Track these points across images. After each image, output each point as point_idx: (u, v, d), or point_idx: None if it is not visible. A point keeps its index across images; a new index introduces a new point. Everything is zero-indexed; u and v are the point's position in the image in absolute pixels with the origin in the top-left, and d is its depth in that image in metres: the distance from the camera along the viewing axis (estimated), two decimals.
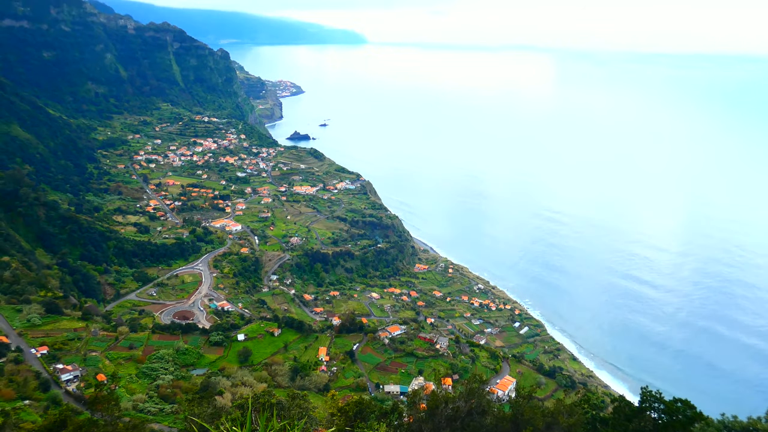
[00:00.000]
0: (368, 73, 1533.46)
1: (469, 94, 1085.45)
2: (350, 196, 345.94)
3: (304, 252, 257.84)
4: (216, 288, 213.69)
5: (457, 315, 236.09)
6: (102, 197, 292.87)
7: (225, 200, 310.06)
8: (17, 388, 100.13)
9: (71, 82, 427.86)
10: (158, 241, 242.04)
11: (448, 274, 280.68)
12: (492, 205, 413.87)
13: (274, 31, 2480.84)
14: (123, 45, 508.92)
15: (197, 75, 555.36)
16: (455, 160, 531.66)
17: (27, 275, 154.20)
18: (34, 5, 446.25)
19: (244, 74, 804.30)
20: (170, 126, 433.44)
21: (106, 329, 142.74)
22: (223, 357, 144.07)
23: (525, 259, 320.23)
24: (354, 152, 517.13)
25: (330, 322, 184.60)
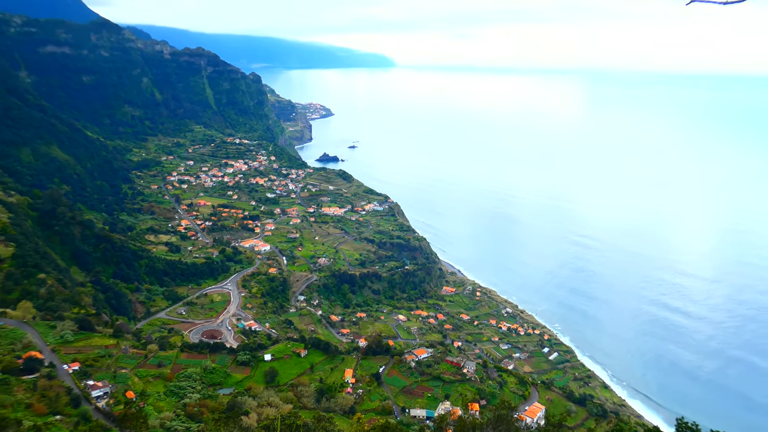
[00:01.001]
0: (397, 95, 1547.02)
1: (497, 117, 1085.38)
2: (378, 217, 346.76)
3: (332, 273, 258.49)
4: (244, 308, 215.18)
5: (485, 339, 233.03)
6: (135, 217, 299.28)
7: (254, 221, 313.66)
8: (49, 403, 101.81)
9: (109, 105, 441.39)
10: (188, 261, 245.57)
11: (476, 297, 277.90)
12: (519, 228, 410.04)
13: (305, 55, 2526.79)
14: (159, 69, 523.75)
15: (230, 98, 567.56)
16: (483, 183, 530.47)
17: (62, 292, 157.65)
18: (76, 32, 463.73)
19: (275, 97, 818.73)
20: (203, 147, 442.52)
21: (136, 347, 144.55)
22: (250, 377, 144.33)
23: (553, 283, 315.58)
24: (382, 174, 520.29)
25: (356, 344, 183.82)
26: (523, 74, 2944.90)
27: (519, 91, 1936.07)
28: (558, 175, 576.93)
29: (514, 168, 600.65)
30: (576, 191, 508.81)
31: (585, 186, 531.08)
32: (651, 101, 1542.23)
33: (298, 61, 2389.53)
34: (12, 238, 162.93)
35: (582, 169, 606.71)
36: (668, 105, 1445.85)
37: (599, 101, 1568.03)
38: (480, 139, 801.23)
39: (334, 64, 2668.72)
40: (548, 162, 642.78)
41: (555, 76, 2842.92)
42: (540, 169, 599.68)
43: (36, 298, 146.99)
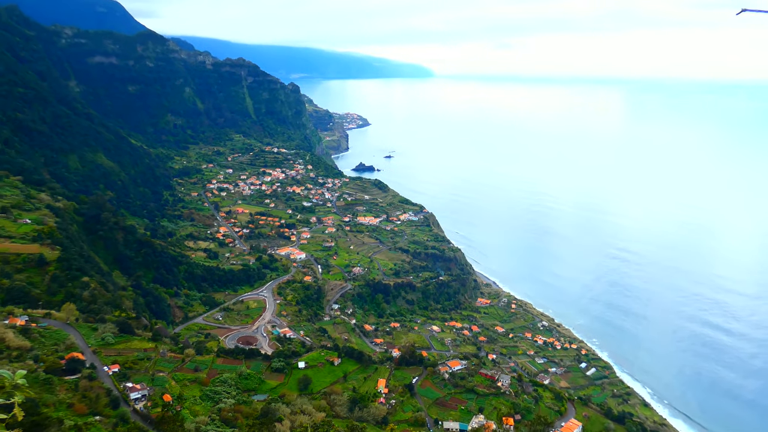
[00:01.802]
0: (434, 106, 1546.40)
1: (536, 127, 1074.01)
2: (413, 227, 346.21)
3: (366, 282, 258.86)
4: (279, 315, 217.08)
5: (520, 352, 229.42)
6: (176, 223, 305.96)
7: (291, 229, 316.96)
8: (89, 403, 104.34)
9: (152, 114, 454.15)
10: (226, 267, 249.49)
11: (511, 310, 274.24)
12: (556, 240, 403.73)
13: (343, 65, 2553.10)
14: (201, 79, 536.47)
15: (268, 108, 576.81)
16: (519, 194, 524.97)
17: (104, 296, 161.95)
18: (123, 43, 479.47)
19: (312, 107, 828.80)
20: (241, 156, 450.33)
21: (174, 351, 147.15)
22: (284, 384, 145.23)
23: (590, 297, 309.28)
24: (418, 184, 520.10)
25: (390, 354, 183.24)
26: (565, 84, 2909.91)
27: (559, 101, 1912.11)
28: (596, 186, 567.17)
29: (551, 179, 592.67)
30: (614, 203, 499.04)
31: (623, 198, 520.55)
32: (693, 110, 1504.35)
33: (336, 72, 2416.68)
34: (58, 242, 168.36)
35: (621, 181, 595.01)
36: (711, 114, 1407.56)
37: (640, 110, 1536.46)
38: (518, 150, 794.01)
39: (371, 74, 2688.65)
40: (587, 173, 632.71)
41: (596, 85, 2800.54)
42: (578, 181, 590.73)
43: (79, 301, 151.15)
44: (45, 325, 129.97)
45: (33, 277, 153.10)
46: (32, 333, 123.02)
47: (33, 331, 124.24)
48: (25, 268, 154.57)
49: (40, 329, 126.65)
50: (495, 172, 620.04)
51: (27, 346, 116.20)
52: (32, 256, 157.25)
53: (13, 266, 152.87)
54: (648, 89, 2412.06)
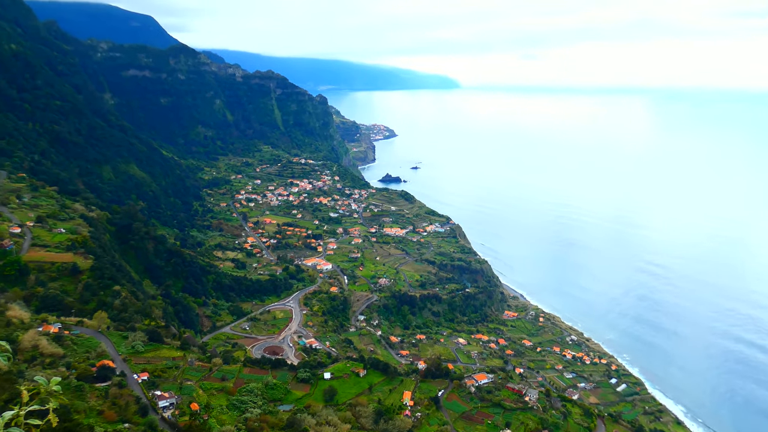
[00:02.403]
0: (461, 117, 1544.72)
1: (563, 138, 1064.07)
2: (439, 239, 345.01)
3: (392, 294, 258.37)
4: (305, 325, 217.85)
5: (548, 366, 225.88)
6: (205, 233, 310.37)
7: (317, 239, 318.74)
8: (119, 411, 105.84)
9: (183, 126, 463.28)
10: (253, 277, 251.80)
11: (539, 323, 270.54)
12: (584, 253, 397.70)
13: (370, 77, 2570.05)
14: (231, 91, 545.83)
15: (296, 119, 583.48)
16: (546, 206, 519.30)
17: (134, 304, 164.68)
18: (156, 57, 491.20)
19: (340, 118, 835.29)
20: (270, 167, 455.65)
21: (202, 360, 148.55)
22: (309, 394, 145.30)
23: (620, 311, 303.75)
24: (444, 195, 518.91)
25: (415, 366, 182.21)
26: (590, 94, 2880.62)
27: (585, 111, 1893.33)
28: (624, 197, 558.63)
29: (577, 191, 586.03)
30: (642, 215, 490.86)
31: (651, 209, 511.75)
32: (721, 120, 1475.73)
33: (363, 83, 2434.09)
34: (91, 251, 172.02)
35: (648, 192, 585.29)
36: (739, 124, 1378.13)
37: (667, 120, 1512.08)
38: (544, 161, 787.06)
39: (398, 85, 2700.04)
40: (614, 184, 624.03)
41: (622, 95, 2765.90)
42: (605, 192, 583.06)
43: (111, 309, 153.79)
44: (77, 332, 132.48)
45: (66, 286, 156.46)
46: (65, 340, 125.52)
47: (66, 338, 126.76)
48: (59, 276, 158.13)
49: (72, 337, 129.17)
50: (521, 184, 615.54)
51: (60, 353, 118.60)
52: (66, 264, 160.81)
53: (48, 274, 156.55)
54: (674, 98, 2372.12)
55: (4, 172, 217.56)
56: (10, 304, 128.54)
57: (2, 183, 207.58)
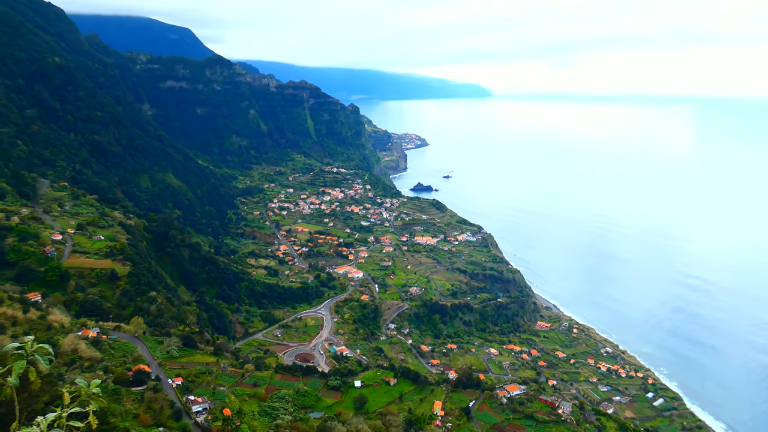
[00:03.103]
0: (493, 125, 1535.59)
1: (597, 147, 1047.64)
2: (471, 248, 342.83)
3: (423, 302, 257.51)
4: (336, 333, 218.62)
5: (582, 379, 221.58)
6: (238, 241, 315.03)
7: (349, 248, 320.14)
8: (154, 414, 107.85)
9: (219, 135, 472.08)
10: (285, 285, 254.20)
11: (573, 334, 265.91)
12: (619, 264, 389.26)
13: (402, 86, 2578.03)
14: (265, 101, 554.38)
15: (329, 128, 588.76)
16: (580, 216, 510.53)
17: (170, 310, 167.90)
18: (193, 68, 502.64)
19: (372, 127, 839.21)
20: (302, 176, 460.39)
21: (234, 366, 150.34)
22: (340, 402, 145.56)
23: (656, 324, 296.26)
24: (476, 205, 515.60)
25: (446, 376, 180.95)
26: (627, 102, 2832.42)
27: (622, 120, 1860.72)
28: (661, 209, 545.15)
29: (613, 201, 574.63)
30: (680, 227, 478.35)
31: (690, 221, 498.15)
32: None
33: (394, 92, 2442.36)
34: (129, 258, 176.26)
35: (687, 204, 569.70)
36: None
37: (710, 131, 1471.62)
38: (578, 170, 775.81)
39: (429, 94, 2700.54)
40: (650, 195, 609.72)
41: (662, 104, 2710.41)
42: (641, 203, 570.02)
43: (147, 315, 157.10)
44: (114, 337, 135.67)
45: (105, 291, 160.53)
46: (103, 345, 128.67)
47: (103, 342, 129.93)
48: (98, 282, 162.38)
49: (110, 341, 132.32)
50: (554, 194, 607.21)
51: (98, 357, 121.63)
52: (105, 271, 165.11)
53: (87, 280, 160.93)
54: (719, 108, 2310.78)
55: (47, 180, 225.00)
56: (51, 309, 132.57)
57: (45, 191, 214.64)
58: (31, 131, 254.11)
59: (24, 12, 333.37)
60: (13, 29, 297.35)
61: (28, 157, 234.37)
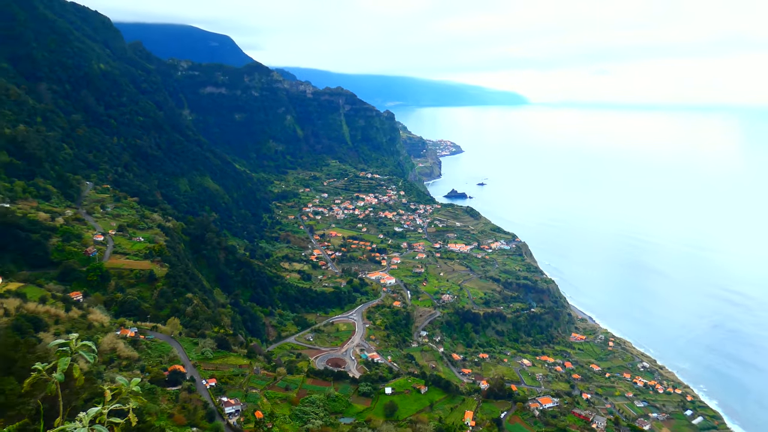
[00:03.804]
0: (528, 134, 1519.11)
1: (636, 157, 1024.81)
2: (504, 256, 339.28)
3: (455, 310, 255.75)
4: (368, 339, 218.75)
5: (617, 394, 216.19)
6: (273, 244, 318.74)
7: (381, 253, 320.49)
8: (188, 415, 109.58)
9: (256, 141, 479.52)
10: (318, 289, 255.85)
11: (608, 348, 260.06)
12: (658, 278, 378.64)
13: (437, 93, 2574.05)
14: (301, 107, 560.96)
15: (364, 134, 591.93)
16: (617, 227, 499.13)
17: (205, 312, 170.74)
18: (232, 75, 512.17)
19: (406, 134, 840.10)
20: (336, 181, 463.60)
21: (267, 368, 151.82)
22: (370, 408, 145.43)
23: (696, 341, 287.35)
24: (510, 213, 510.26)
25: (477, 385, 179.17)
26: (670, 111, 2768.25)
27: (663, 129, 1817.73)
28: (702, 221, 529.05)
29: (652, 213, 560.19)
30: (721, 240, 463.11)
31: (732, 234, 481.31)
32: None
33: (430, 99, 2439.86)
34: (167, 260, 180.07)
35: (729, 216, 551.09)
36: None
37: (754, 140, 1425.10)
38: (615, 180, 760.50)
39: (465, 101, 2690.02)
40: (690, 207, 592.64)
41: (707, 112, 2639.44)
42: (682, 215, 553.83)
43: (183, 316, 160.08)
44: (152, 337, 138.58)
45: (143, 292, 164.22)
46: (140, 344, 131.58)
47: (141, 342, 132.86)
48: (137, 282, 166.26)
49: (147, 341, 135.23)
50: (590, 203, 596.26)
51: (135, 357, 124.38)
52: (144, 272, 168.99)
53: (127, 281, 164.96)
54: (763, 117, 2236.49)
55: (91, 183, 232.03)
56: (92, 308, 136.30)
57: (88, 193, 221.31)
58: (76, 135, 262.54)
59: (72, 20, 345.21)
60: (61, 37, 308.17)
61: (73, 160, 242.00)
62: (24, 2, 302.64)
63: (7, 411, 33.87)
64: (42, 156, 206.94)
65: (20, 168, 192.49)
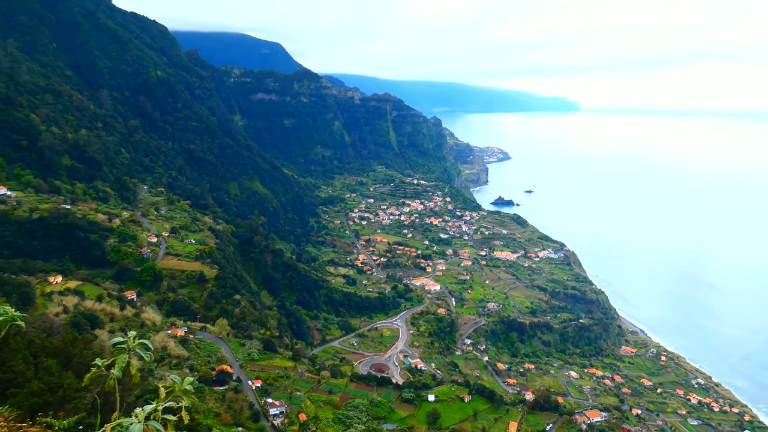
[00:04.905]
0: (579, 140, 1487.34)
1: (691, 164, 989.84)
2: (552, 265, 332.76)
3: (500, 319, 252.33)
4: (411, 345, 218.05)
5: (670, 410, 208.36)
6: (319, 249, 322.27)
7: (426, 260, 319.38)
8: (234, 414, 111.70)
9: (304, 146, 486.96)
10: (363, 294, 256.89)
11: (661, 362, 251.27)
12: (715, 293, 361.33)
13: (485, 99, 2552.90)
14: (349, 113, 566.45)
15: (410, 140, 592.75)
16: (671, 240, 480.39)
17: (252, 314, 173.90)
18: (282, 81, 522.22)
19: (453, 140, 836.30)
20: (383, 187, 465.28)
21: (311, 372, 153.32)
22: (413, 415, 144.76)
23: (754, 358, 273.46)
24: (558, 221, 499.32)
25: (523, 396, 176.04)
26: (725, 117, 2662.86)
27: (720, 136, 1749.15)
28: (758, 234, 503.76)
29: (709, 225, 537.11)
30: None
31: None
32: None
33: (477, 106, 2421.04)
34: (216, 261, 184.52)
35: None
36: None
37: None
38: (670, 190, 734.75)
39: (513, 108, 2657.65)
40: (747, 219, 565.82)
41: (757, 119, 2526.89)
42: (743, 228, 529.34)
43: (231, 317, 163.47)
44: (201, 337, 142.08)
45: (194, 293, 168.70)
46: (189, 344, 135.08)
47: (190, 342, 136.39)
48: (187, 283, 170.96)
49: (196, 341, 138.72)
50: (642, 213, 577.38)
51: (185, 356, 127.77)
52: (194, 273, 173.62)
53: (178, 281, 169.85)
54: None
55: (146, 186, 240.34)
56: (144, 307, 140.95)
57: (144, 196, 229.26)
58: (133, 140, 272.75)
59: (132, 29, 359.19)
60: (121, 45, 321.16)
61: (130, 164, 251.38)
62: (88, 13, 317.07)
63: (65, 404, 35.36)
64: (101, 160, 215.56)
65: (81, 171, 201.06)
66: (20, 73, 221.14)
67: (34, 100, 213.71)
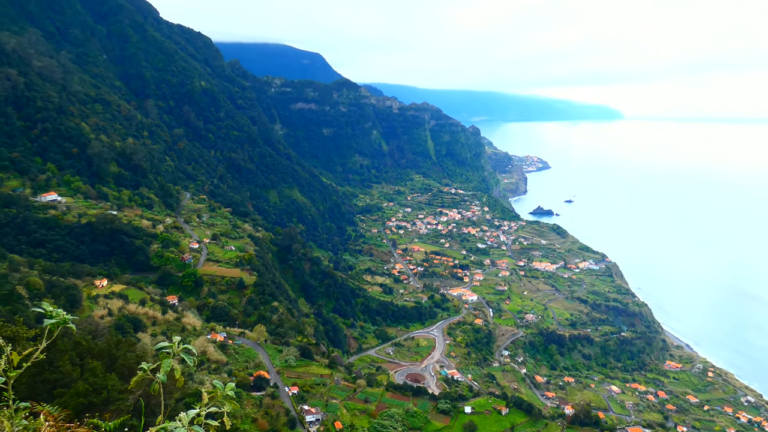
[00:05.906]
0: (622, 148, 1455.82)
1: (739, 175, 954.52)
2: (593, 276, 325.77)
3: (539, 331, 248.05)
4: (448, 355, 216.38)
5: (717, 429, 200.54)
6: (356, 257, 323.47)
7: (464, 270, 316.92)
8: (270, 420, 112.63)
9: (342, 155, 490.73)
10: (399, 303, 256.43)
11: (707, 378, 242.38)
12: (764, 308, 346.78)
13: (524, 108, 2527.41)
14: (387, 123, 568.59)
15: (448, 149, 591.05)
16: (718, 252, 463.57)
17: (290, 321, 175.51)
18: (321, 91, 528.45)
19: (492, 149, 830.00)
20: (420, 196, 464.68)
21: (347, 380, 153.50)
22: (449, 427, 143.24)
23: None
24: (599, 232, 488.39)
25: (562, 410, 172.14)
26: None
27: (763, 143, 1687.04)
28: None
29: (759, 238, 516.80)
30: None
31: None
32: None
33: (516, 114, 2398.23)
34: (255, 268, 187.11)
35: None
36: None
37: None
38: (717, 199, 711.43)
39: (553, 116, 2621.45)
40: None
41: None
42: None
43: (269, 323, 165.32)
44: (239, 343, 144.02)
45: (233, 299, 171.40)
46: (228, 349, 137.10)
47: (229, 347, 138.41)
48: (227, 289, 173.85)
49: (234, 346, 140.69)
50: (688, 225, 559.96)
51: (223, 361, 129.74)
52: (234, 279, 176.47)
53: (218, 287, 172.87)
54: None
55: (189, 193, 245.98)
56: (185, 312, 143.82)
57: (186, 203, 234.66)
58: (177, 148, 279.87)
59: (177, 41, 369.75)
60: (167, 57, 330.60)
61: (174, 172, 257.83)
62: (136, 25, 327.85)
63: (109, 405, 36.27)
64: (147, 167, 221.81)
65: (127, 178, 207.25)
66: (72, 84, 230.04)
67: (84, 109, 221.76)
